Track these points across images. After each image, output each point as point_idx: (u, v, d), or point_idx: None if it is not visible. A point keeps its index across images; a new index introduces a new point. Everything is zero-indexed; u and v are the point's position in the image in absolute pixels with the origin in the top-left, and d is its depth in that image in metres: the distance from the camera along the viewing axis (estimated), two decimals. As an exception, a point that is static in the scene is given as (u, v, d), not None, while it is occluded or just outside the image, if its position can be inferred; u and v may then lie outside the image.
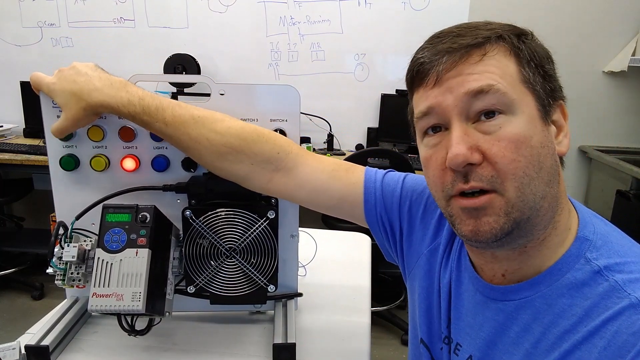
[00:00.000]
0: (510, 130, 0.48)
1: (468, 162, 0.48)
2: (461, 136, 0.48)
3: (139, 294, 0.64)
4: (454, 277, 0.63)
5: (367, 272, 1.08)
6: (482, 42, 0.49)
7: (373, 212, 0.72)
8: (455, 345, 0.62)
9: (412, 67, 0.54)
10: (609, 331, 0.45)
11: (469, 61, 0.49)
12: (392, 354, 2.24)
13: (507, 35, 0.50)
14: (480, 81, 0.48)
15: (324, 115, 2.59)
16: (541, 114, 0.50)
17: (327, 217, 2.41)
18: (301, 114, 0.76)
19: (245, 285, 0.77)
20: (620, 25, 2.62)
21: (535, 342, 0.51)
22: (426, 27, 2.60)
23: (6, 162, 2.29)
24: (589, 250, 0.50)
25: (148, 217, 0.67)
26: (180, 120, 0.68)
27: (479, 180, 0.48)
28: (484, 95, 0.48)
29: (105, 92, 0.67)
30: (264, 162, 0.70)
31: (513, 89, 0.49)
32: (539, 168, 0.49)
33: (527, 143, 0.48)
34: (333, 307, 0.93)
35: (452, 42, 0.50)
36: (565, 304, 0.49)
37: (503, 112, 0.48)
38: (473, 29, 0.51)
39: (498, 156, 0.48)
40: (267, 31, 2.59)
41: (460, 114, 0.49)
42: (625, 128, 2.76)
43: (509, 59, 0.50)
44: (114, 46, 2.65)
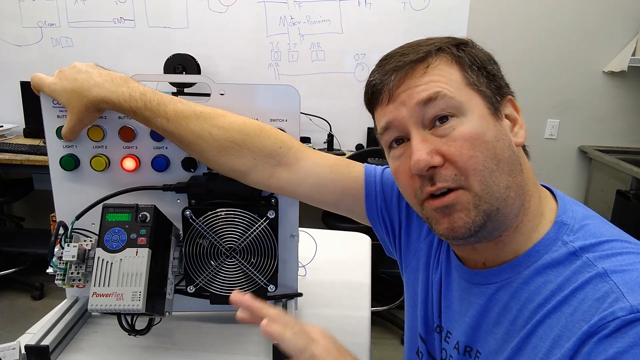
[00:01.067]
0: (463, 130, 0.51)
1: (429, 165, 0.51)
2: (420, 143, 0.52)
3: (138, 294, 0.64)
4: (444, 269, 0.66)
5: (367, 272, 1.08)
6: (424, 56, 0.54)
7: (374, 206, 0.74)
8: (445, 333, 0.64)
9: (367, 90, 0.59)
10: (577, 299, 0.48)
11: (415, 75, 0.53)
12: (392, 354, 2.24)
13: (446, 47, 0.55)
14: (428, 90, 0.52)
15: (324, 115, 2.59)
16: (491, 111, 0.53)
17: (327, 217, 2.41)
18: (301, 114, 0.76)
19: (245, 285, 0.77)
20: (620, 25, 2.62)
21: (512, 320, 0.53)
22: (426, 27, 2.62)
23: (6, 162, 2.29)
24: (566, 233, 0.53)
25: (148, 217, 0.67)
26: (183, 115, 0.69)
27: (444, 180, 0.52)
28: (433, 102, 0.52)
29: (106, 87, 0.67)
30: (266, 157, 0.71)
31: (459, 92, 0.52)
32: (497, 160, 0.51)
33: (481, 139, 0.51)
34: (333, 307, 0.93)
35: (397, 61, 0.55)
36: (540, 281, 0.52)
37: (454, 114, 0.52)
38: (415, 47, 0.55)
39: (456, 155, 0.51)
40: (267, 31, 2.59)
41: (416, 123, 0.53)
42: (625, 128, 2.76)
43: (451, 67, 0.54)
44: (114, 46, 2.65)
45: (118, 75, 0.69)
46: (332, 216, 2.41)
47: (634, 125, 2.75)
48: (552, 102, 2.74)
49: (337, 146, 2.65)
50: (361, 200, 0.74)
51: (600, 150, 2.67)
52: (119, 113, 0.75)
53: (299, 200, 0.76)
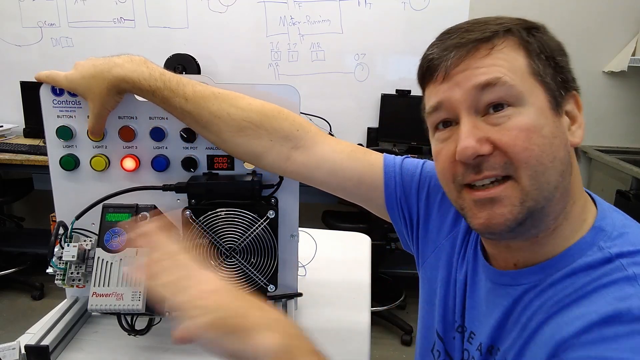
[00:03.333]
0: (520, 120, 0.48)
1: (477, 154, 0.48)
2: (470, 129, 0.49)
3: (138, 294, 0.64)
4: (470, 267, 0.63)
5: (367, 272, 1.08)
6: (490, 36, 0.50)
7: (393, 196, 0.72)
8: (469, 333, 0.62)
9: (422, 64, 0.55)
10: (597, 294, 0.46)
11: (477, 55, 0.49)
12: (392, 354, 2.24)
13: (516, 29, 0.51)
14: (487, 74, 0.48)
15: (324, 115, 2.59)
16: (552, 105, 0.50)
17: (327, 217, 2.41)
18: (301, 114, 0.76)
19: (245, 285, 0.77)
20: (620, 25, 2.62)
21: (531, 315, 0.51)
22: (426, 27, 2.62)
23: (6, 162, 2.29)
24: (603, 239, 0.50)
25: (148, 217, 0.67)
26: (201, 95, 0.69)
27: (492, 168, 0.49)
28: (491, 88, 0.48)
29: (126, 67, 0.67)
30: (283, 139, 0.70)
31: (521, 81, 0.49)
32: (553, 157, 0.48)
33: (538, 132, 0.48)
34: (333, 307, 0.93)
35: (460, 37, 0.50)
36: (568, 281, 0.49)
37: (512, 104, 0.48)
38: (482, 24, 0.51)
39: (509, 145, 0.48)
40: (267, 31, 2.59)
41: (469, 107, 0.50)
42: (625, 128, 2.76)
43: (517, 52, 0.50)
44: (114, 46, 2.65)
45: (137, 57, 0.69)
46: (332, 216, 2.41)
47: (634, 125, 2.75)
48: (552, 102, 2.74)
49: (337, 146, 2.64)
50: (379, 189, 0.72)
51: (600, 150, 2.67)
52: (119, 113, 0.75)
53: (314, 186, 0.74)
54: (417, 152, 2.63)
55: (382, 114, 2.62)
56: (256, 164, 0.73)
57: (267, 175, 0.80)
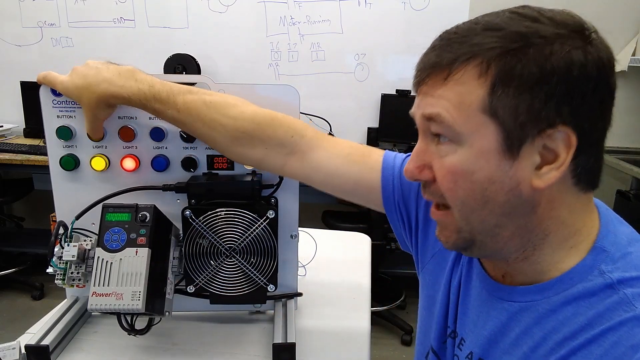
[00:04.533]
0: (450, 161, 0.48)
1: (414, 179, 0.52)
2: (417, 153, 0.52)
3: (138, 294, 0.64)
4: (465, 272, 0.63)
5: (367, 272, 1.08)
6: (449, 63, 0.46)
7: (391, 198, 0.71)
8: (460, 339, 0.62)
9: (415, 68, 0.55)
10: (608, 341, 0.44)
11: (436, 80, 0.48)
12: (392, 354, 2.24)
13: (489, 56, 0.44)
14: (432, 107, 0.48)
15: (324, 115, 2.59)
16: (503, 147, 0.45)
17: (327, 217, 2.41)
18: (301, 114, 0.76)
19: (245, 285, 0.77)
20: (620, 25, 2.61)
21: (534, 347, 0.50)
22: (426, 27, 2.62)
23: (6, 162, 2.29)
24: (604, 262, 0.48)
25: (148, 217, 0.67)
26: (193, 106, 0.68)
27: (431, 195, 0.52)
28: (432, 122, 0.49)
29: (114, 82, 0.67)
30: (278, 146, 0.70)
31: (466, 119, 0.45)
32: (483, 202, 0.47)
33: (466, 177, 0.47)
34: (333, 307, 0.93)
35: (427, 56, 0.50)
36: (570, 312, 0.48)
37: (451, 140, 0.48)
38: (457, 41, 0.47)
39: (439, 182, 0.50)
40: (267, 31, 2.59)
41: (424, 131, 0.52)
42: (625, 128, 2.76)
43: (477, 81, 0.45)
44: (114, 46, 2.65)
45: (125, 69, 0.69)
46: (332, 216, 2.41)
47: (634, 125, 2.75)
48: (552, 102, 2.74)
49: (337, 146, 2.65)
50: (377, 191, 0.71)
51: (600, 150, 2.66)
52: (119, 113, 0.75)
53: (315, 187, 0.74)
54: (417, 152, 2.63)
55: (382, 114, 2.62)
56: (256, 169, 0.74)
57: (267, 175, 0.80)
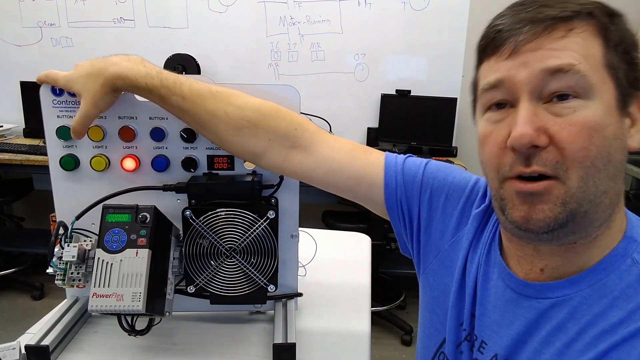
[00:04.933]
0: (585, 115, 0.44)
1: (533, 143, 0.45)
2: (529, 115, 0.45)
3: (139, 294, 0.64)
4: (482, 271, 0.60)
5: (367, 272, 1.08)
6: (571, 16, 0.45)
7: (393, 196, 0.69)
8: (480, 343, 0.59)
9: (487, 34, 0.50)
10: None
11: (553, 35, 0.45)
12: (392, 354, 2.24)
13: (598, 13, 0.46)
14: (561, 59, 0.44)
15: (324, 115, 2.59)
16: (619, 104, 0.46)
17: (327, 217, 2.41)
18: (301, 114, 0.76)
19: (245, 285, 0.77)
20: (620, 25, 2.61)
21: (568, 342, 0.48)
22: (426, 27, 2.62)
23: (6, 162, 2.29)
24: (636, 251, 0.48)
25: (148, 217, 0.67)
26: (198, 93, 0.68)
27: (542, 164, 0.45)
28: (562, 74, 0.44)
29: (122, 65, 0.67)
30: (281, 138, 0.69)
31: (595, 72, 0.45)
32: (608, 160, 0.45)
33: (600, 132, 0.44)
34: (333, 307, 0.93)
35: (537, 11, 0.46)
36: (606, 305, 0.46)
37: (579, 95, 0.45)
38: (562, 1, 0.46)
39: (567, 141, 0.44)
40: (267, 31, 2.59)
41: (532, 91, 0.46)
42: (625, 128, 2.75)
43: (595, 39, 0.46)
44: (114, 46, 2.65)
45: (134, 57, 0.69)
46: (332, 216, 2.41)
47: (634, 125, 2.75)
48: (552, 102, 2.74)
49: (337, 146, 2.65)
50: (379, 188, 0.69)
51: (600, 150, 2.66)
52: (119, 113, 0.75)
53: (314, 185, 0.73)
54: (417, 152, 2.63)
55: (382, 114, 2.62)
56: (256, 163, 0.73)
57: (267, 175, 0.79)
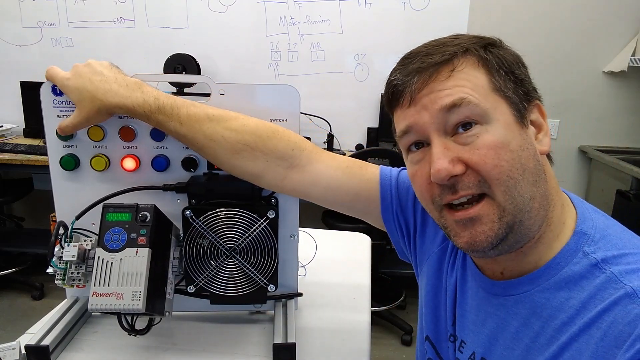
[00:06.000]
0: (487, 138, 0.49)
1: (451, 174, 0.49)
2: (442, 151, 0.50)
3: (139, 294, 0.64)
4: (459, 275, 0.64)
5: (367, 272, 1.08)
6: (449, 58, 0.51)
7: (389, 209, 0.73)
8: (459, 342, 0.62)
9: (387, 90, 0.57)
10: (605, 322, 0.45)
11: (439, 78, 0.51)
12: (392, 354, 2.24)
13: (473, 48, 0.52)
14: (452, 96, 0.50)
15: (324, 115, 2.59)
16: (517, 119, 0.51)
17: (327, 217, 2.41)
18: (301, 114, 0.76)
19: (245, 285, 0.77)
20: (620, 25, 2.61)
21: (534, 337, 0.51)
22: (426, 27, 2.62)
23: (6, 162, 2.29)
24: (586, 244, 0.51)
25: (148, 217, 0.67)
26: (195, 118, 0.69)
27: (467, 188, 0.50)
28: (457, 108, 0.49)
29: (120, 93, 0.67)
30: (278, 159, 0.71)
31: (485, 99, 0.50)
32: (522, 170, 0.49)
33: (506, 148, 0.49)
34: (333, 307, 0.93)
35: (421, 61, 0.52)
36: (563, 297, 0.50)
37: (478, 122, 0.50)
38: (440, 46, 0.52)
39: (480, 164, 0.49)
40: (267, 31, 2.59)
41: (438, 129, 0.51)
42: (625, 128, 2.76)
43: (477, 70, 0.51)
44: (114, 46, 2.65)
45: (132, 81, 0.69)
46: (332, 216, 2.41)
47: (634, 125, 2.75)
48: (552, 102, 2.74)
49: (337, 146, 2.65)
50: (376, 202, 0.73)
51: (600, 150, 2.67)
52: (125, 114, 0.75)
53: (313, 202, 0.75)
54: (417, 152, 2.63)
55: (382, 114, 2.62)
56: (256, 183, 0.74)
57: (267, 175, 0.79)
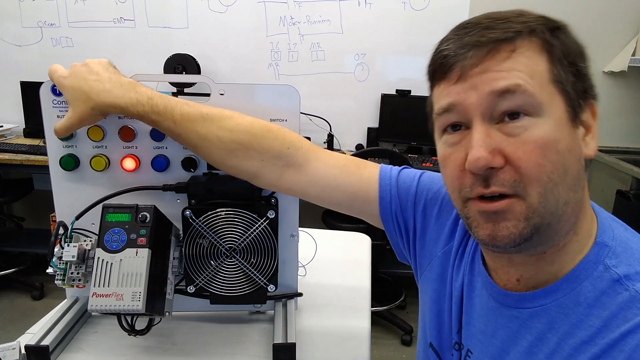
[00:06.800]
0: (536, 134, 0.45)
1: (489, 165, 0.45)
2: (483, 138, 0.46)
3: (138, 294, 0.64)
4: (467, 280, 0.61)
5: (367, 272, 1.08)
6: (513, 36, 0.46)
7: (388, 209, 0.70)
8: (466, 352, 0.60)
9: (434, 60, 0.51)
10: (629, 344, 0.43)
11: (497, 57, 0.46)
12: (392, 354, 2.24)
13: (540, 30, 0.47)
14: (507, 80, 0.45)
15: (324, 115, 2.59)
16: (570, 116, 0.47)
17: (327, 217, 2.41)
18: (301, 114, 0.76)
19: (245, 285, 0.77)
20: (620, 25, 2.62)
21: (550, 353, 0.49)
22: (426, 27, 2.62)
23: (6, 162, 2.29)
24: (607, 256, 0.48)
25: (148, 217, 0.67)
26: (189, 118, 0.68)
27: (501, 185, 0.46)
28: (510, 95, 0.45)
29: (114, 93, 0.67)
30: (274, 158, 0.70)
31: (542, 89, 0.46)
32: (564, 173, 0.46)
33: (553, 147, 0.45)
34: (333, 307, 0.93)
35: (479, 34, 0.47)
36: (582, 313, 0.47)
37: (529, 113, 0.45)
38: (504, 21, 0.47)
39: (523, 160, 0.45)
40: (267, 31, 2.59)
41: (483, 113, 0.46)
42: (625, 128, 2.76)
43: (540, 56, 0.47)
44: (114, 46, 2.65)
45: (127, 81, 0.68)
46: (332, 216, 2.41)
47: (634, 125, 2.75)
48: (552, 102, 2.74)
49: (337, 146, 2.65)
50: (374, 202, 0.70)
51: (600, 150, 2.67)
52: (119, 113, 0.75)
53: (310, 201, 0.74)
54: (417, 152, 2.63)
55: (382, 114, 2.62)
56: (252, 182, 0.73)
57: (267, 175, 0.79)
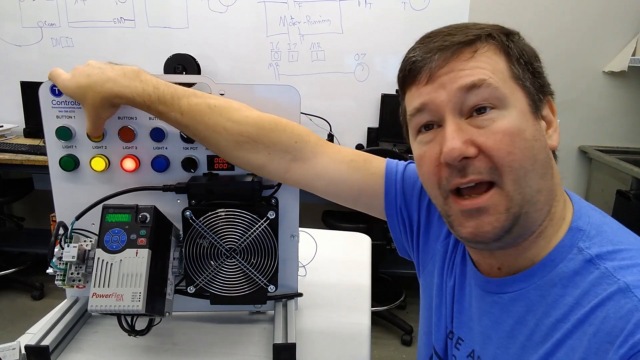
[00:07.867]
0: (504, 124, 0.48)
1: (464, 155, 0.48)
2: (455, 130, 0.49)
3: (138, 294, 0.64)
4: (458, 272, 0.64)
5: (367, 272, 1.08)
6: (473, 39, 0.51)
7: (393, 204, 0.71)
8: (456, 339, 0.62)
9: (404, 66, 0.55)
10: (598, 317, 0.45)
11: (461, 58, 0.50)
12: (392, 354, 2.24)
13: (496, 34, 0.52)
14: (472, 76, 0.49)
15: (324, 115, 2.59)
16: (532, 109, 0.51)
17: (327, 217, 2.41)
18: (301, 114, 0.76)
19: (245, 286, 0.77)
20: (620, 25, 2.61)
21: (529, 334, 0.51)
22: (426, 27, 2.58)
23: (6, 162, 2.29)
24: (581, 240, 0.51)
25: (148, 217, 0.67)
26: (197, 109, 0.68)
27: (478, 172, 0.49)
28: (476, 89, 0.49)
29: (119, 82, 0.66)
30: (281, 152, 0.70)
31: (504, 84, 0.50)
32: (533, 161, 0.49)
33: (520, 136, 0.49)
34: (333, 307, 0.93)
35: (443, 40, 0.51)
36: (558, 293, 0.49)
37: (495, 106, 0.49)
38: (463, 29, 0.52)
39: (494, 149, 0.48)
40: (267, 31, 2.59)
41: (453, 109, 0.50)
42: (625, 128, 2.76)
43: (498, 56, 0.51)
44: (114, 46, 2.65)
45: (130, 69, 0.68)
46: (332, 216, 2.41)
47: (634, 125, 2.75)
48: (552, 102, 2.74)
49: (337, 146, 2.65)
50: (379, 197, 0.71)
51: (600, 150, 2.67)
52: (119, 113, 0.75)
53: (316, 194, 0.74)
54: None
55: (382, 114, 2.62)
56: (259, 174, 0.73)
57: (267, 175, 0.79)
